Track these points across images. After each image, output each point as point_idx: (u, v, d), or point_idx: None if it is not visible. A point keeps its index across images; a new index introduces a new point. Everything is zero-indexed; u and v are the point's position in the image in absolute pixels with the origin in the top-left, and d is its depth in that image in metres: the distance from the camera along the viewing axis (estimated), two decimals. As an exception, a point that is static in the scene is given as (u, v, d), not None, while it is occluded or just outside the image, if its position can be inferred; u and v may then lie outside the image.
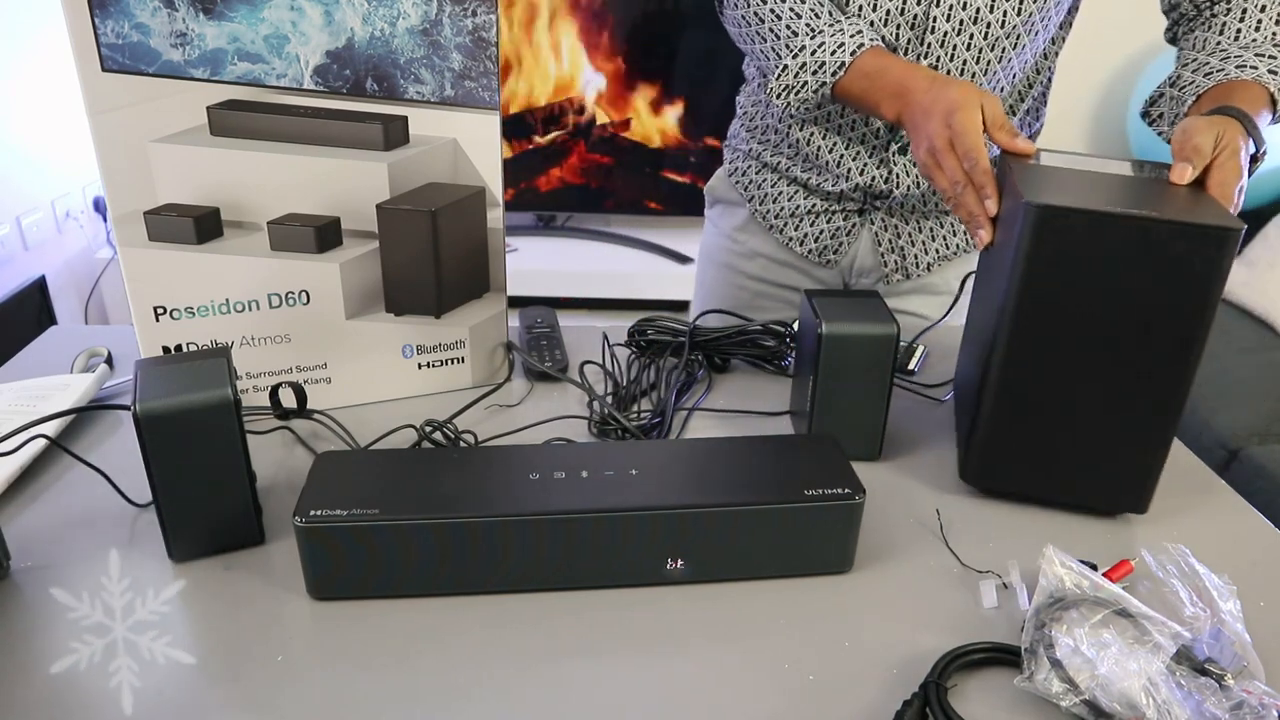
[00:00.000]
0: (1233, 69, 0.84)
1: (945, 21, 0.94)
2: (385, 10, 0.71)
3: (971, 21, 0.94)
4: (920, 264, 1.11)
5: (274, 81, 0.71)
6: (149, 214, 0.72)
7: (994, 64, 0.96)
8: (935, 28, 0.94)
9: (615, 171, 2.70)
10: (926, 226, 1.09)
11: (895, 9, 0.94)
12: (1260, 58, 0.85)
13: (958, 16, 0.93)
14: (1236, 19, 0.90)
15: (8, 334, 2.01)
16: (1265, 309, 2.20)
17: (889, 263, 1.11)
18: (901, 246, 1.10)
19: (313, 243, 0.77)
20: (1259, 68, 0.84)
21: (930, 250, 1.10)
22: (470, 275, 0.84)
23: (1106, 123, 2.75)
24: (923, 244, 1.10)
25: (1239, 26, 0.89)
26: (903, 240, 1.09)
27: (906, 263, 1.11)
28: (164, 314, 0.76)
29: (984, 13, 0.93)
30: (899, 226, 1.09)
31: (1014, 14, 0.94)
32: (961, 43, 0.95)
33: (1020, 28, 0.95)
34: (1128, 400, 0.66)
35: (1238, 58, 0.85)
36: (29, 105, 2.17)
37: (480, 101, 0.77)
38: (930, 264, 1.11)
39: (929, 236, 1.10)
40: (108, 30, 0.65)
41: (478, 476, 0.62)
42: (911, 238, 1.09)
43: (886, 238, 1.09)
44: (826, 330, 0.72)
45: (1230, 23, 0.90)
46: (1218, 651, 0.54)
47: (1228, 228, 0.60)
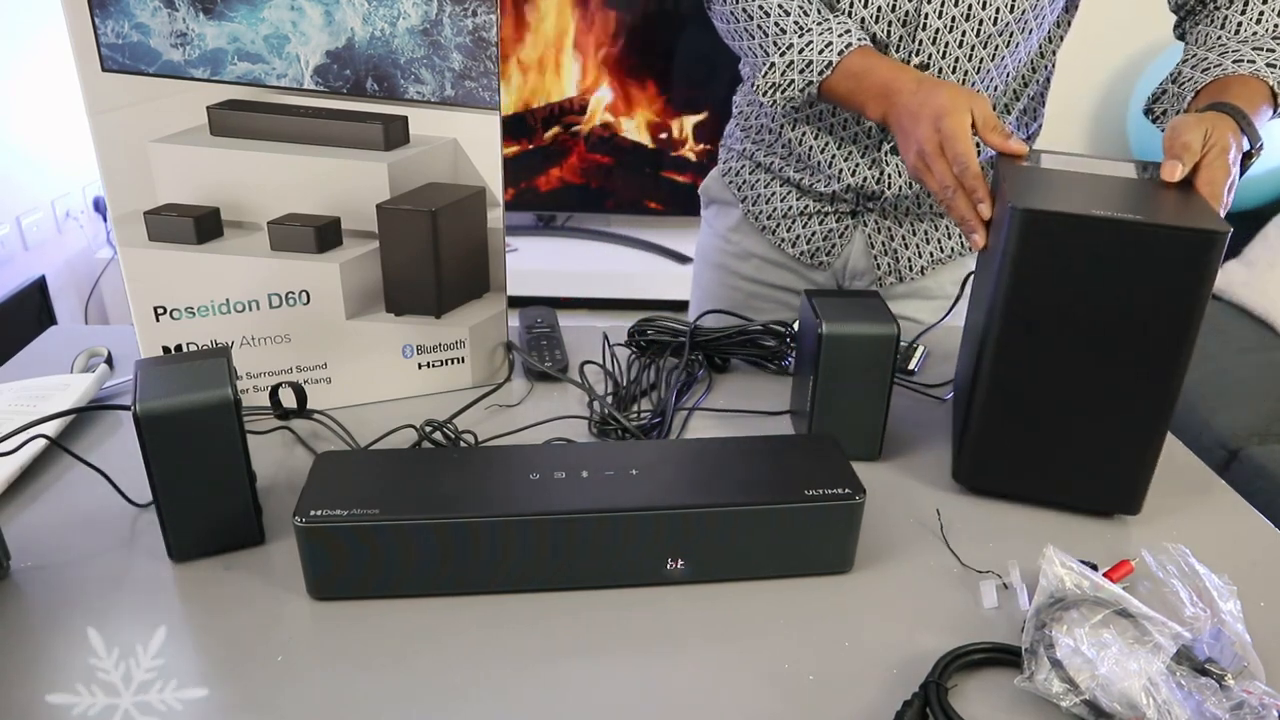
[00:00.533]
0: (1230, 64, 0.84)
1: (937, 18, 0.94)
2: (385, 10, 0.71)
3: (964, 18, 0.93)
4: (914, 267, 1.10)
5: (274, 81, 0.71)
6: (149, 214, 0.72)
7: (987, 62, 0.96)
8: (926, 24, 0.94)
9: (615, 171, 2.70)
10: (920, 229, 1.09)
11: (886, 5, 0.94)
12: (1259, 51, 0.85)
13: (950, 13, 0.93)
14: (1238, 11, 0.90)
15: (8, 334, 2.01)
16: (1265, 309, 2.20)
17: (882, 265, 1.10)
18: (895, 249, 1.09)
19: (313, 243, 0.77)
20: (1256, 62, 0.84)
21: (924, 253, 1.10)
22: (470, 275, 0.84)
23: (1106, 123, 2.75)
24: (916, 247, 1.09)
25: (1240, 20, 0.89)
26: (896, 243, 1.09)
27: (900, 265, 1.10)
28: (164, 314, 0.75)
29: (976, 9, 0.93)
30: (892, 229, 1.08)
31: (1007, 10, 0.93)
32: (954, 40, 0.94)
33: (1014, 25, 0.94)
34: (1119, 402, 0.66)
35: (1235, 52, 0.85)
36: (29, 105, 2.17)
37: (480, 101, 0.77)
38: (924, 267, 1.11)
39: (923, 239, 1.09)
40: (108, 30, 0.65)
41: (478, 476, 0.62)
42: (905, 240, 1.09)
43: (879, 240, 1.09)
44: (827, 330, 0.72)
45: (1232, 15, 0.90)
46: (1218, 651, 0.54)
47: (1214, 231, 0.60)
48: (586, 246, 2.78)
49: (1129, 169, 0.75)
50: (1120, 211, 0.62)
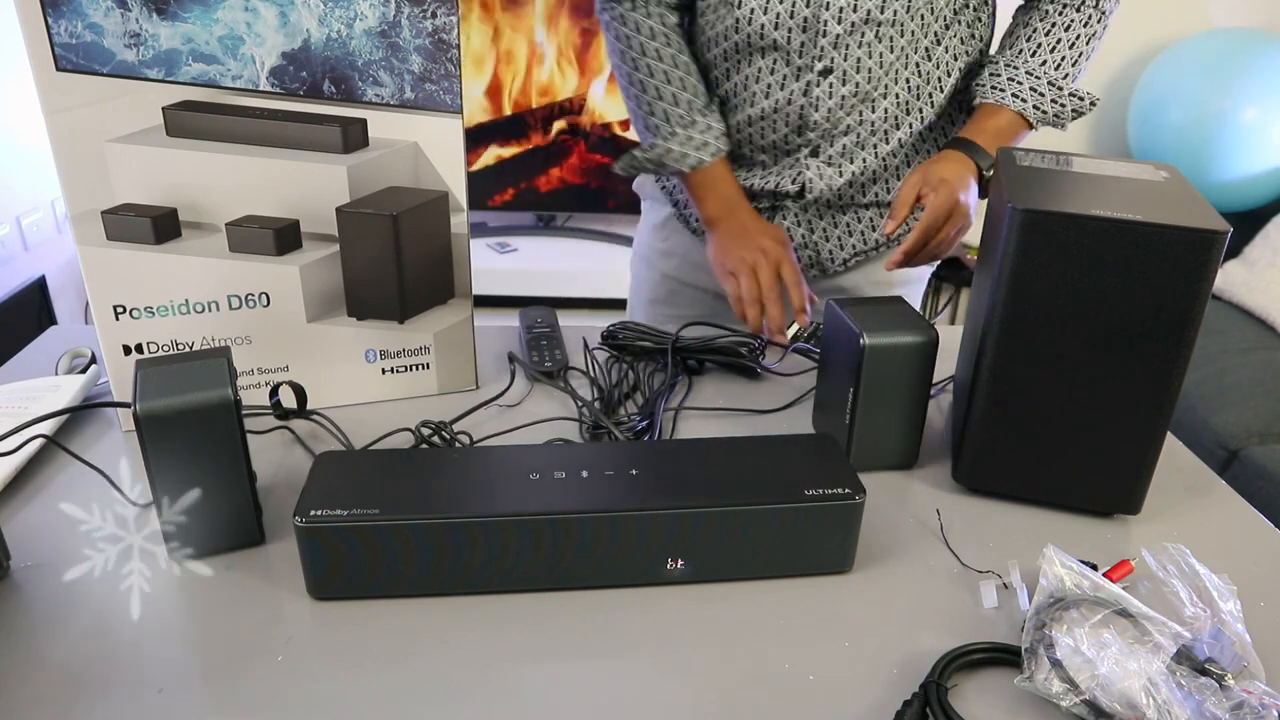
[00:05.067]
0: (989, 90, 0.99)
1: (836, 24, 0.95)
2: (341, 12, 0.71)
3: (863, 23, 0.95)
4: (835, 259, 1.11)
5: (229, 83, 0.70)
6: (106, 214, 0.72)
7: (898, 66, 0.98)
8: (826, 30, 0.95)
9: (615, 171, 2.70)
10: (843, 221, 1.09)
11: (785, 12, 0.95)
12: (1029, 75, 0.98)
13: (849, 19, 0.94)
14: (1043, 32, 0.99)
15: (8, 334, 2.01)
16: (1265, 309, 2.20)
17: (802, 258, 1.11)
18: (815, 242, 1.10)
19: (271, 245, 0.77)
20: (1014, 88, 0.97)
21: (845, 245, 1.10)
22: (434, 281, 0.83)
23: (1106, 123, 2.75)
24: (838, 239, 1.10)
25: (1040, 41, 1.00)
26: (817, 235, 1.09)
27: (821, 258, 1.11)
28: (124, 313, 0.75)
29: (875, 14, 0.94)
30: (812, 221, 1.09)
31: (904, 11, 0.95)
32: (854, 42, 0.96)
33: (911, 24, 0.96)
34: (1118, 402, 0.66)
35: (1009, 75, 0.99)
36: (29, 105, 2.17)
37: (441, 105, 0.76)
38: (847, 260, 1.11)
39: (844, 231, 1.09)
40: (61, 30, 0.65)
41: (478, 476, 0.62)
42: (826, 233, 1.09)
43: (799, 233, 1.09)
44: (868, 342, 0.71)
45: (1038, 32, 1.00)
46: (1218, 651, 0.54)
47: (1214, 231, 0.60)
48: (586, 246, 2.78)
49: (1129, 169, 0.75)
50: (1120, 211, 0.62)
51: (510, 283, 2.64)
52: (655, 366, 0.92)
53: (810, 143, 1.03)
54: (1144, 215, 0.62)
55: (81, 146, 0.69)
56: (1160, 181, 0.71)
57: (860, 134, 1.03)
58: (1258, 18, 2.52)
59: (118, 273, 0.74)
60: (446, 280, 0.84)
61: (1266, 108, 2.31)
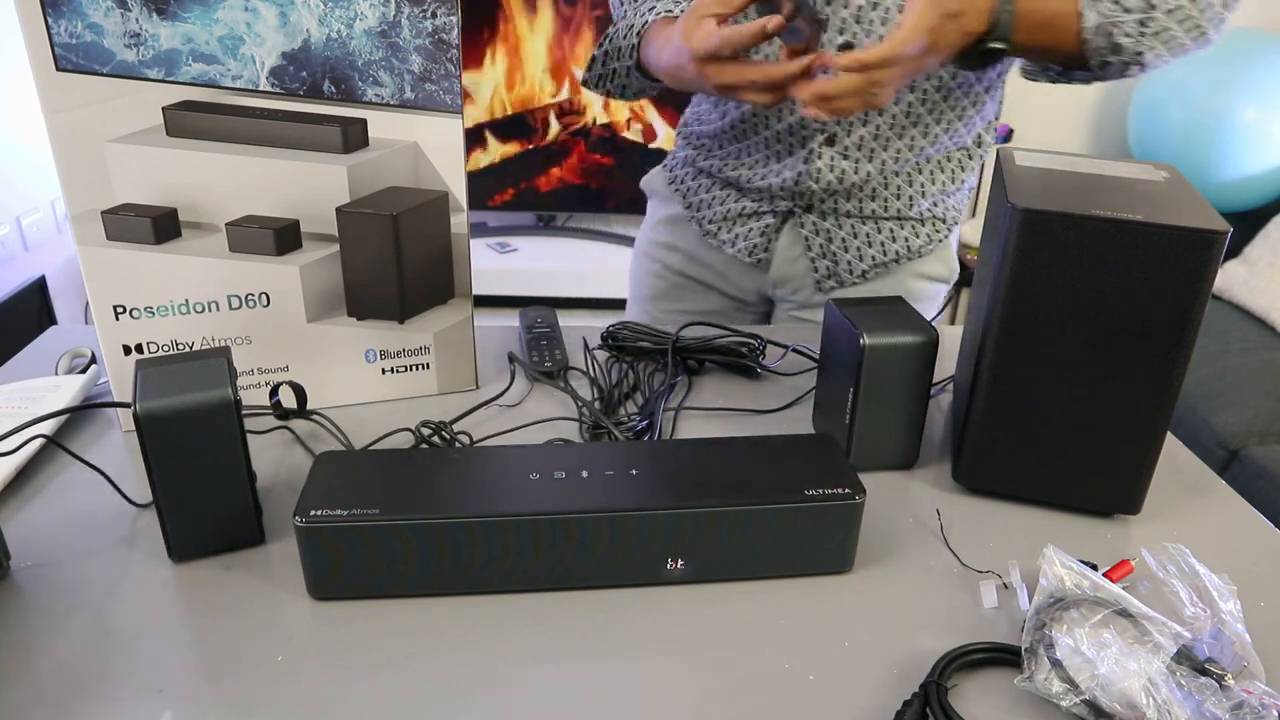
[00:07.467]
0: None
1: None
2: (341, 12, 0.71)
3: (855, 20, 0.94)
4: (854, 271, 1.09)
5: (229, 83, 0.70)
6: (106, 214, 0.72)
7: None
8: (848, 1, 0.94)
9: (615, 171, 2.71)
10: (862, 231, 1.07)
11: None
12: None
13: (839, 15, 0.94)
14: None
15: (8, 334, 2.01)
16: (1265, 309, 2.20)
17: (820, 269, 1.09)
18: (833, 251, 1.08)
19: (271, 245, 0.77)
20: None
21: (865, 257, 1.08)
22: (434, 281, 0.83)
23: (1107, 123, 2.75)
24: (857, 250, 1.08)
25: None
26: (834, 245, 1.08)
27: (839, 269, 1.09)
28: (124, 313, 0.75)
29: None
30: (830, 230, 1.08)
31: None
32: (877, 18, 0.94)
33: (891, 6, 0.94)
34: (1118, 401, 0.66)
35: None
36: (29, 105, 2.17)
37: (441, 105, 0.76)
38: (865, 271, 1.09)
39: (864, 242, 1.08)
40: (61, 29, 0.65)
41: (478, 476, 0.62)
42: (845, 243, 1.08)
43: (818, 242, 1.08)
44: (868, 342, 0.71)
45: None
46: (1218, 651, 0.54)
47: (1214, 230, 0.60)
48: (586, 246, 2.78)
49: (1129, 169, 0.76)
50: (1120, 211, 0.62)
51: (510, 283, 2.64)
52: (655, 366, 0.92)
53: (826, 128, 1.00)
54: (1144, 215, 0.62)
55: (81, 146, 0.69)
56: (1160, 181, 0.71)
57: (879, 125, 1.00)
58: (1258, 18, 2.52)
59: (118, 273, 0.74)
60: (446, 280, 0.84)
61: (1266, 108, 2.31)
